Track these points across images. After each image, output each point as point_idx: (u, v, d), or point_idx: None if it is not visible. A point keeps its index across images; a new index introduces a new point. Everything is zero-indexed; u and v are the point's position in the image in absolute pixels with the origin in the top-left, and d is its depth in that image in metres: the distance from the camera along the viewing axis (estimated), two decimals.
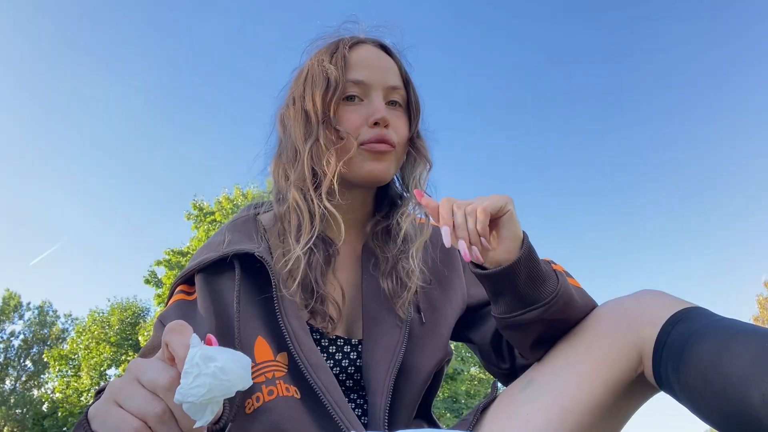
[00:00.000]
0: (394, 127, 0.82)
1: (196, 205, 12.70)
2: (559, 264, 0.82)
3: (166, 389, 0.43)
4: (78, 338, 16.72)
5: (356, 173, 0.80)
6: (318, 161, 0.79)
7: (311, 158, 0.79)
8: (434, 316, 0.84)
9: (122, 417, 0.44)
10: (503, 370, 0.85)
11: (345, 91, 0.80)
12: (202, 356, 0.41)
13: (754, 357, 0.55)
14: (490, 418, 0.75)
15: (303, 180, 0.80)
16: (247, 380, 0.43)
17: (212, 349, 0.43)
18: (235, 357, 0.43)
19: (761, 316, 17.57)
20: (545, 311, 0.70)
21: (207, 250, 0.80)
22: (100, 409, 0.46)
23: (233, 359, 0.42)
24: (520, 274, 0.69)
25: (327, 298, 0.78)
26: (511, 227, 0.69)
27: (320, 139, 0.78)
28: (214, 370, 0.41)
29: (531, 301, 0.70)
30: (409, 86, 0.87)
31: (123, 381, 0.46)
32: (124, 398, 0.45)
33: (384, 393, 0.74)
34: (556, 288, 0.70)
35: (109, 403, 0.45)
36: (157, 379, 0.43)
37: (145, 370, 0.45)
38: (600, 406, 0.68)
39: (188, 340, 0.43)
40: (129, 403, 0.44)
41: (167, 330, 0.44)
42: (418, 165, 0.87)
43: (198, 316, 0.73)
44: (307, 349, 0.73)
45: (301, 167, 0.79)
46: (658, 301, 0.69)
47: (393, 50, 0.88)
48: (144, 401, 0.44)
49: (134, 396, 0.44)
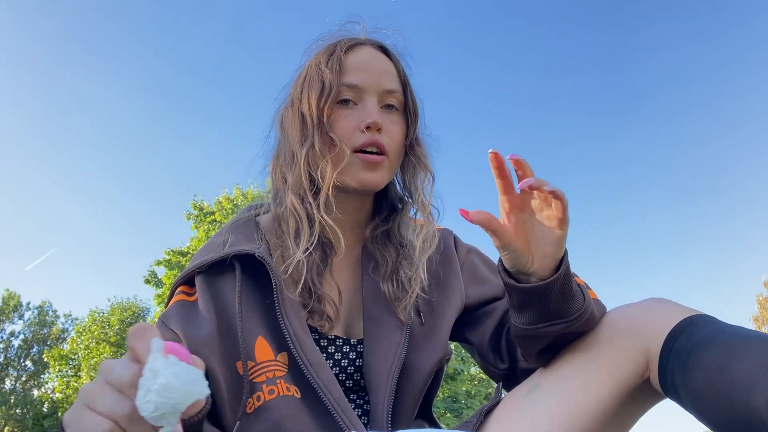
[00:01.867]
0: (388, 131, 0.80)
1: (196, 205, 12.71)
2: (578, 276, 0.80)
3: (129, 386, 0.42)
4: (78, 338, 16.76)
5: (350, 181, 0.79)
6: (314, 167, 0.78)
7: (308, 164, 0.79)
8: (433, 317, 0.85)
9: (93, 420, 0.43)
10: (501, 371, 0.85)
11: (339, 94, 0.79)
12: (151, 369, 0.40)
13: (760, 362, 0.55)
14: (494, 421, 0.75)
15: (300, 185, 0.79)
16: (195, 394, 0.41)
17: (160, 362, 0.41)
18: (180, 371, 0.41)
19: (761, 316, 17.59)
20: (568, 326, 0.69)
21: (207, 250, 0.80)
22: (73, 415, 0.45)
23: (178, 374, 0.41)
24: (554, 291, 0.67)
25: (324, 298, 0.79)
26: (556, 247, 0.66)
27: (316, 145, 0.78)
28: (158, 387, 0.40)
29: (557, 316, 0.69)
30: (408, 89, 0.85)
31: (93, 383, 0.45)
32: (93, 400, 0.44)
33: (386, 393, 0.75)
34: (583, 305, 0.69)
35: (80, 407, 0.44)
36: (122, 377, 0.42)
37: (111, 370, 0.44)
38: (606, 412, 0.68)
39: (148, 345, 0.42)
40: (98, 405, 0.43)
41: (131, 333, 0.43)
42: (419, 172, 0.86)
43: (199, 317, 0.73)
44: (308, 349, 0.73)
45: (298, 172, 0.79)
46: (665, 309, 0.69)
47: (392, 52, 0.87)
48: (112, 401, 0.43)
49: (103, 397, 0.43)
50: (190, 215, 12.65)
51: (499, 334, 0.86)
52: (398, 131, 0.83)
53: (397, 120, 0.83)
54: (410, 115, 0.85)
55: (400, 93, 0.84)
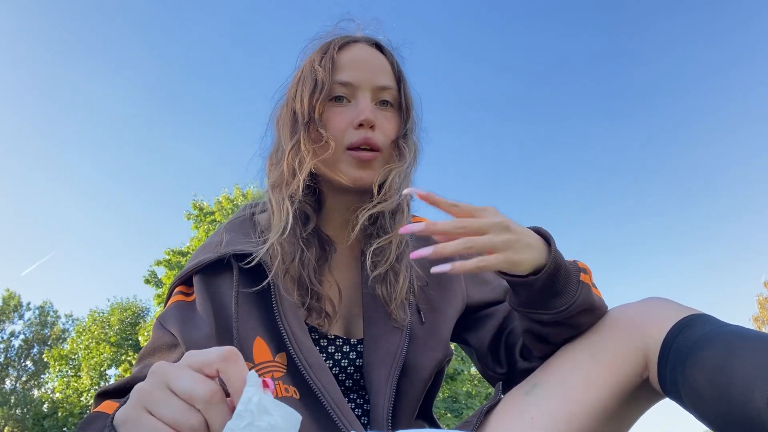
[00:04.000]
0: (381, 128, 0.80)
1: (196, 205, 12.71)
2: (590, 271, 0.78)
3: (205, 401, 0.41)
4: (78, 338, 16.77)
5: (342, 179, 0.78)
6: (299, 163, 0.78)
7: (293, 158, 0.78)
8: (434, 317, 0.84)
9: (154, 425, 0.41)
10: (499, 375, 0.85)
11: (332, 92, 0.79)
12: (259, 405, 0.40)
13: (759, 362, 0.55)
14: (494, 420, 0.75)
15: (281, 180, 0.79)
16: None
17: (270, 400, 0.41)
18: (287, 415, 0.41)
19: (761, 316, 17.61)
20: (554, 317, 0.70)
21: (205, 251, 0.80)
22: (130, 416, 0.44)
23: (286, 417, 0.41)
24: (536, 286, 0.68)
25: (322, 296, 0.78)
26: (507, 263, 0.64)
27: (302, 139, 0.77)
28: (266, 425, 0.40)
29: (542, 306, 0.70)
30: (402, 84, 0.84)
31: (151, 386, 0.43)
32: (154, 405, 0.42)
33: (387, 394, 0.75)
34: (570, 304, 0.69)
35: (138, 410, 0.43)
36: (196, 390, 0.41)
37: (176, 378, 0.42)
38: (605, 411, 0.68)
39: (245, 374, 0.42)
40: (162, 411, 0.42)
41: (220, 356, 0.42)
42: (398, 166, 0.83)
43: (197, 317, 0.73)
44: (306, 350, 0.73)
45: (282, 167, 0.79)
46: (664, 308, 0.69)
47: (386, 48, 0.86)
48: (179, 411, 0.41)
49: (167, 404, 0.42)
50: (190, 215, 12.65)
51: (498, 339, 0.86)
52: (392, 127, 0.82)
53: (391, 116, 0.82)
54: (404, 111, 0.84)
55: (395, 89, 0.83)
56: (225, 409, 0.42)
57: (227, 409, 0.42)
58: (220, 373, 0.42)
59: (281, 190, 0.78)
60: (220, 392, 0.42)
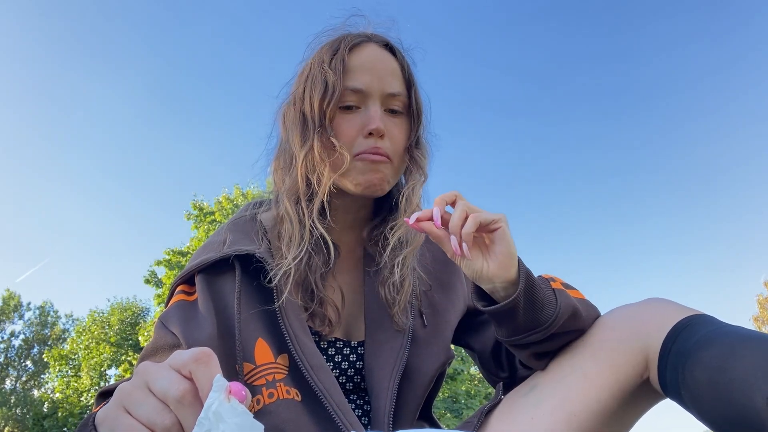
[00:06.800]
0: (391, 136, 0.78)
1: (196, 205, 12.69)
2: (559, 278, 0.80)
3: (177, 401, 0.41)
4: (78, 338, 16.76)
5: (351, 186, 0.78)
6: (312, 171, 0.77)
7: (306, 166, 0.77)
8: (436, 319, 0.84)
9: (130, 425, 0.42)
10: (502, 379, 0.85)
11: (342, 99, 0.77)
12: (215, 413, 0.39)
13: (759, 362, 0.55)
14: (494, 420, 0.75)
15: (296, 189, 0.78)
16: None
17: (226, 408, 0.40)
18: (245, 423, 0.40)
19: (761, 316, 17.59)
20: (546, 332, 0.70)
21: (207, 250, 0.79)
22: (109, 415, 0.44)
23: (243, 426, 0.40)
24: (519, 309, 0.68)
25: (326, 301, 0.78)
26: (503, 244, 0.68)
27: (315, 148, 0.76)
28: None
29: (532, 327, 0.70)
30: (412, 90, 0.82)
31: (132, 386, 0.44)
32: (132, 405, 0.43)
33: (388, 397, 0.74)
34: (554, 313, 0.69)
35: (117, 409, 0.44)
36: (169, 390, 0.41)
37: (156, 378, 0.43)
38: (605, 412, 0.68)
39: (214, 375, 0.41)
40: (138, 411, 0.42)
41: (192, 358, 0.42)
42: (413, 176, 0.84)
43: (199, 317, 0.72)
44: (308, 351, 0.72)
45: (296, 175, 0.78)
46: (665, 309, 0.68)
47: (398, 49, 0.84)
48: (153, 411, 0.42)
49: (143, 403, 0.42)
50: (190, 215, 12.63)
51: (501, 344, 0.85)
52: (402, 135, 0.81)
53: (401, 123, 0.81)
54: (413, 118, 0.83)
55: (404, 95, 0.81)
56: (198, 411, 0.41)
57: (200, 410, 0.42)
58: (192, 374, 0.42)
59: (299, 201, 0.78)
60: (191, 393, 0.41)
